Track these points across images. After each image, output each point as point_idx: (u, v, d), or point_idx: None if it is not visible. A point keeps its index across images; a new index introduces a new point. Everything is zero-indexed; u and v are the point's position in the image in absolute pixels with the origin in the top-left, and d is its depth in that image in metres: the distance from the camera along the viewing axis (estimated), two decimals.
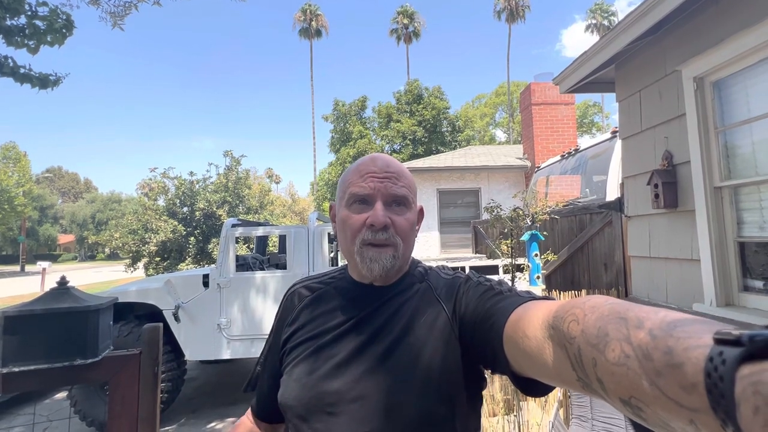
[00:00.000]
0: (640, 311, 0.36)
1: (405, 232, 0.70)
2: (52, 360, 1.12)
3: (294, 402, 0.66)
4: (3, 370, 1.07)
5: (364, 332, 0.68)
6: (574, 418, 2.50)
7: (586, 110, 33.33)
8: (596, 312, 0.39)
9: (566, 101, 9.04)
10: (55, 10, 2.59)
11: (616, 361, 0.34)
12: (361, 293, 0.73)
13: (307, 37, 34.11)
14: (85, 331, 1.16)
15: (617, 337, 0.35)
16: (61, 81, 2.49)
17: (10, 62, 2.27)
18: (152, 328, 1.24)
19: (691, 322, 0.31)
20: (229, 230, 3.98)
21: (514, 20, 30.79)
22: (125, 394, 1.20)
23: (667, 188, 2.64)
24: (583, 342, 0.38)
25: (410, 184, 0.73)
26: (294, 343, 0.72)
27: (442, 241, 9.82)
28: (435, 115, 20.68)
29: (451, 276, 0.73)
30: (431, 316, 0.67)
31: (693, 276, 2.54)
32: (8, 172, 26.33)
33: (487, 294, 0.62)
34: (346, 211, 0.70)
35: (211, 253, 9.17)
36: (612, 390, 0.35)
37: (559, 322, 0.43)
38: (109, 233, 10.25)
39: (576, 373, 0.40)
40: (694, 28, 2.50)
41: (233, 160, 10.87)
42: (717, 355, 0.26)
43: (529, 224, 3.05)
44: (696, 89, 2.47)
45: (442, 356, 0.63)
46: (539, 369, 0.47)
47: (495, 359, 0.56)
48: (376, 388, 0.62)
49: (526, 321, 0.50)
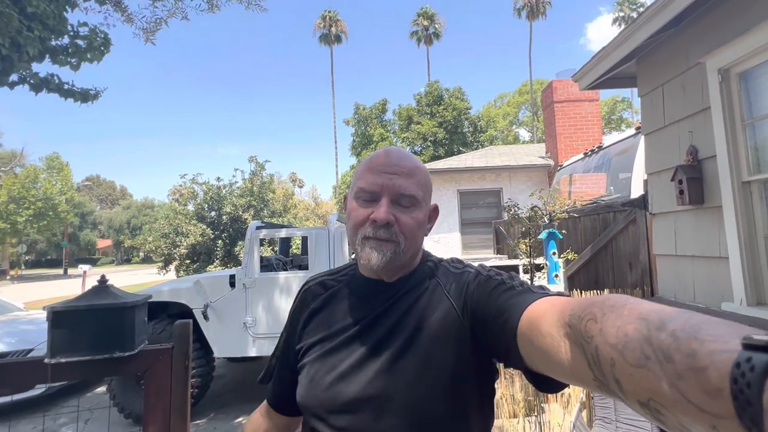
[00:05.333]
0: (662, 312, 0.35)
1: (410, 230, 0.69)
2: (94, 352, 1.20)
3: (311, 402, 0.68)
4: (51, 361, 1.16)
5: (377, 332, 0.68)
6: (597, 419, 2.45)
7: (614, 106, 32.23)
8: (615, 311, 0.38)
9: (590, 98, 8.81)
10: (95, 29, 2.81)
11: (635, 363, 0.34)
12: (371, 290, 0.73)
13: (327, 43, 34.63)
14: (123, 325, 1.24)
15: (637, 337, 0.34)
16: (100, 95, 2.70)
17: (56, 79, 2.49)
18: (183, 323, 1.31)
19: (716, 325, 0.31)
20: (254, 232, 4.13)
21: (535, 17, 30.21)
22: (159, 385, 1.27)
23: (692, 184, 2.56)
24: (602, 341, 0.37)
25: (423, 182, 0.71)
26: (310, 342, 0.73)
27: (463, 242, 9.75)
28: (456, 116, 20.55)
29: (461, 270, 0.72)
30: (441, 314, 0.67)
31: (721, 274, 2.46)
32: (52, 181, 28.04)
33: (499, 289, 0.61)
34: (353, 203, 0.71)
35: (237, 256, 9.47)
36: (630, 391, 0.35)
37: (576, 320, 0.42)
38: (143, 237, 10.78)
39: (592, 372, 0.39)
40: (717, 19, 2.43)
41: (258, 165, 11.19)
42: (745, 361, 0.25)
43: (547, 222, 3.02)
44: (721, 81, 2.39)
45: (454, 353, 0.64)
46: (554, 367, 0.46)
47: (508, 355, 0.55)
48: (391, 388, 0.63)
49: (540, 318, 0.49)
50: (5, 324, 4.71)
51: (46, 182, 27.42)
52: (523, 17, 30.67)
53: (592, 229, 4.10)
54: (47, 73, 2.51)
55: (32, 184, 26.43)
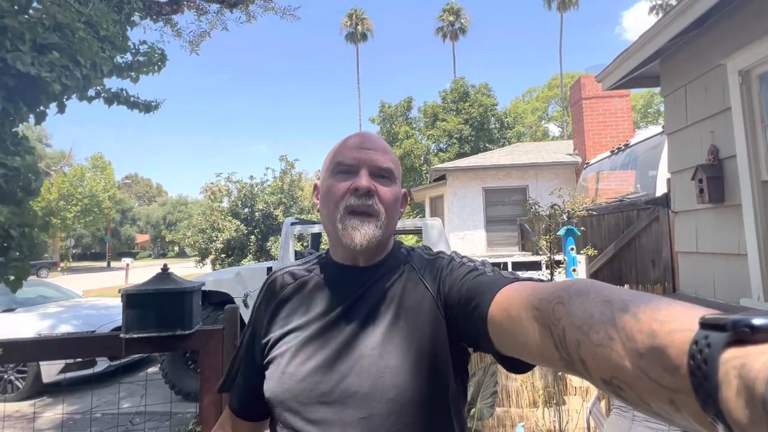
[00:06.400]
0: (626, 295, 0.37)
1: (388, 202, 0.69)
2: (160, 329, 1.40)
3: (284, 395, 0.64)
4: (126, 336, 1.38)
5: (353, 319, 0.67)
6: (615, 408, 2.58)
7: (651, 99, 30.90)
8: (582, 295, 0.40)
9: (620, 93, 8.64)
10: (153, 46, 3.16)
11: (599, 343, 0.35)
12: (345, 276, 0.71)
13: (354, 41, 34.94)
14: (183, 307, 1.44)
15: (602, 319, 0.36)
16: (160, 105, 3.07)
17: (124, 93, 2.86)
18: (232, 308, 1.53)
19: (675, 306, 0.32)
20: (289, 228, 4.45)
21: (566, 8, 29.33)
22: (212, 362, 1.48)
23: (712, 183, 2.63)
24: (568, 324, 0.39)
25: (395, 161, 0.73)
26: (280, 333, 0.69)
27: (488, 239, 9.81)
28: (482, 112, 20.39)
29: (434, 256, 0.73)
30: (417, 298, 0.67)
31: (740, 271, 2.52)
32: (96, 179, 29.93)
33: (471, 274, 0.62)
34: (331, 180, 0.70)
35: (269, 251, 9.93)
36: (594, 370, 0.36)
37: (545, 303, 0.43)
38: (182, 233, 11.43)
39: (559, 353, 0.41)
40: (738, 21, 2.48)
41: (287, 163, 11.64)
42: (702, 338, 0.27)
43: (566, 220, 3.14)
44: (741, 83, 2.45)
45: (432, 337, 0.64)
46: (522, 348, 0.48)
47: (478, 338, 0.56)
48: (371, 375, 0.62)
49: (510, 301, 0.50)
50: (70, 309, 5.28)
51: (92, 180, 29.29)
52: (553, 8, 29.85)
53: (615, 226, 4.15)
54: (117, 88, 2.89)
55: (79, 182, 28.34)
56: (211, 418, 1.45)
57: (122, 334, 1.37)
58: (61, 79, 2.28)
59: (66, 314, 5.02)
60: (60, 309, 5.22)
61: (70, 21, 2.36)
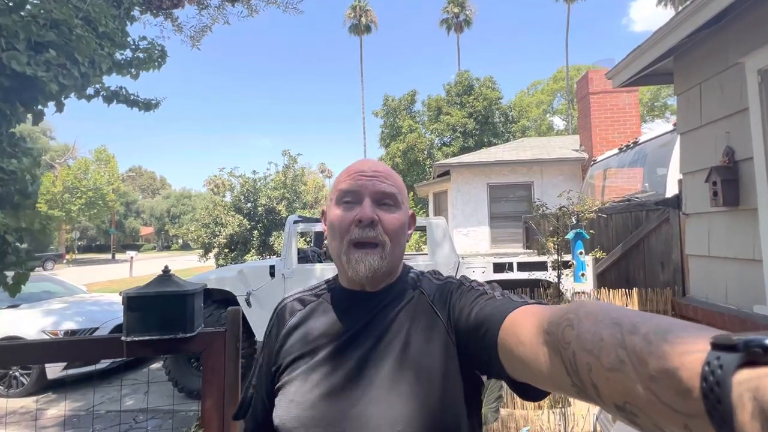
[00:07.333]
0: (636, 316, 0.36)
1: (394, 230, 0.69)
2: (161, 332, 1.37)
3: (293, 423, 0.63)
4: (127, 339, 1.36)
5: (362, 346, 0.66)
6: None
7: (657, 92, 30.46)
8: (591, 317, 0.39)
9: (629, 88, 8.48)
10: (153, 42, 3.10)
11: (610, 367, 0.34)
12: (354, 302, 0.71)
13: (357, 33, 34.60)
14: (184, 310, 1.41)
15: (612, 342, 0.35)
16: (160, 104, 3.01)
17: (123, 91, 2.81)
18: (234, 310, 1.50)
19: (686, 328, 0.32)
20: (292, 226, 4.40)
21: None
22: (215, 363, 1.46)
23: (727, 186, 2.55)
24: (578, 347, 0.38)
25: (399, 185, 0.73)
26: (289, 360, 0.69)
27: (492, 236, 9.74)
28: (486, 106, 20.19)
29: (443, 281, 0.72)
30: (428, 325, 0.66)
31: (754, 277, 2.45)
32: (101, 172, 30.01)
33: (480, 299, 0.61)
34: (336, 210, 0.70)
35: (272, 246, 9.92)
36: (607, 395, 0.35)
37: (554, 327, 0.43)
38: (186, 227, 11.44)
39: (571, 378, 0.40)
40: (758, 19, 2.38)
41: (290, 158, 11.57)
42: (714, 360, 0.26)
43: (574, 222, 3.08)
44: (760, 82, 2.36)
45: (443, 365, 0.63)
46: (534, 374, 0.47)
47: (490, 364, 0.55)
48: (380, 403, 0.60)
49: (520, 326, 0.50)
50: (74, 305, 5.29)
51: (96, 173, 29.37)
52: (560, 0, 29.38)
53: (623, 226, 4.08)
54: (116, 86, 2.83)
55: (83, 175, 28.43)
56: (212, 421, 1.45)
57: (123, 337, 1.36)
58: (58, 78, 2.22)
59: (70, 310, 5.03)
60: (64, 305, 5.24)
61: (67, 18, 2.30)
